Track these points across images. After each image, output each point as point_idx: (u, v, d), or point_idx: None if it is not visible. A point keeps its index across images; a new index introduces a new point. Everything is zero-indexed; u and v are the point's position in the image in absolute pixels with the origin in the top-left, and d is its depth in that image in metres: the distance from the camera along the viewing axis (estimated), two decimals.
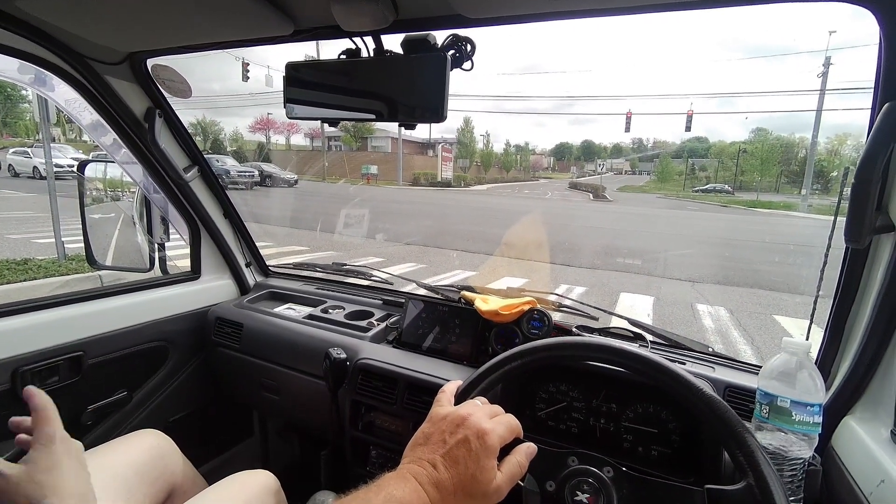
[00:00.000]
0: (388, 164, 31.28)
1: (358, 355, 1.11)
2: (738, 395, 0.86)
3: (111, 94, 1.13)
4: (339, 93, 0.80)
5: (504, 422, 0.57)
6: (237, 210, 1.49)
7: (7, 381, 0.98)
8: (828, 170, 27.63)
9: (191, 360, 1.40)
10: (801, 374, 0.65)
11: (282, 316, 1.34)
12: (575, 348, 0.70)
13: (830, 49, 32.28)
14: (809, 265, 7.02)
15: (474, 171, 41.09)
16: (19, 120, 32.06)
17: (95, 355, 1.14)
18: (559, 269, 6.61)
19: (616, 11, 0.74)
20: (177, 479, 0.97)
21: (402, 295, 1.38)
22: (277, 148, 41.08)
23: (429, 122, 0.74)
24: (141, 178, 1.34)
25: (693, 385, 0.61)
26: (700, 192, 33.90)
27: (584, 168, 71.83)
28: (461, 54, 0.72)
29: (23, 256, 5.20)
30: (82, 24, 0.91)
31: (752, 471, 0.54)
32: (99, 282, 4.56)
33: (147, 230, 1.41)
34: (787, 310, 4.89)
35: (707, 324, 4.37)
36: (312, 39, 0.91)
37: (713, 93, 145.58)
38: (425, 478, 0.50)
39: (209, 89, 65.31)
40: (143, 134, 1.20)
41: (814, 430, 0.63)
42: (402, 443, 1.02)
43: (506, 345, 1.06)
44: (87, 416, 1.13)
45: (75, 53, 1.03)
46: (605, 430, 0.88)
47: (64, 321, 1.09)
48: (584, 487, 0.62)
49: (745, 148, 41.02)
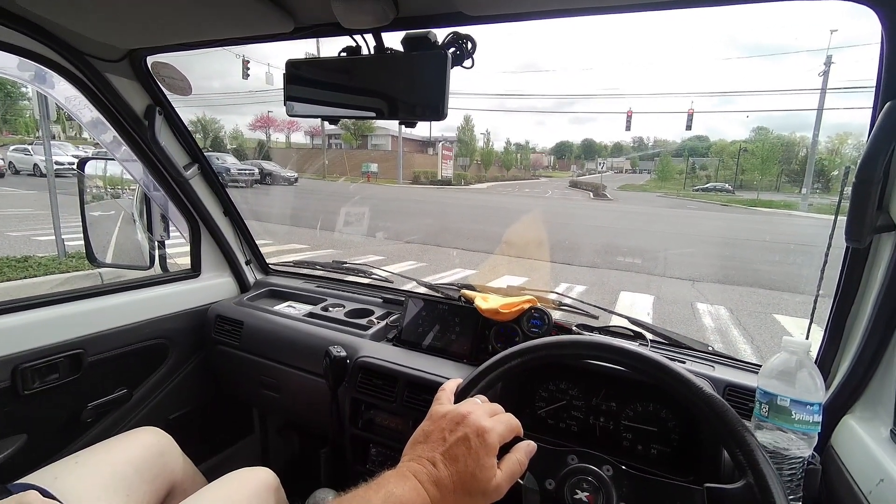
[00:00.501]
0: (389, 162, 31.26)
1: (358, 353, 1.11)
2: (737, 394, 0.86)
3: (111, 92, 1.13)
4: (340, 90, 0.80)
5: (504, 420, 0.57)
6: (237, 208, 1.49)
7: (7, 379, 0.98)
8: (828, 169, 27.63)
9: (191, 358, 1.40)
10: (801, 373, 0.65)
11: (282, 314, 1.34)
12: (575, 347, 0.70)
13: (832, 48, 32.22)
14: (810, 264, 7.03)
15: (474, 170, 41.06)
16: (19, 117, 32.04)
17: (95, 353, 1.14)
18: (559, 268, 6.62)
19: (617, 9, 0.74)
20: (177, 476, 0.97)
21: (402, 293, 1.38)
22: (277, 146, 41.08)
23: (429, 120, 0.74)
24: (141, 175, 1.33)
25: (693, 384, 0.61)
26: (700, 191, 33.89)
27: (585, 167, 71.78)
28: (462, 52, 0.72)
29: (23, 254, 5.21)
30: (82, 21, 0.91)
31: (751, 469, 0.54)
32: (99, 279, 4.57)
33: (147, 228, 1.41)
34: (787, 309, 4.90)
35: (707, 322, 4.38)
36: (313, 37, 0.90)
37: (714, 91, 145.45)
38: (425, 476, 0.50)
39: (209, 87, 65.24)
40: (144, 131, 1.20)
41: (813, 429, 0.63)
42: (401, 441, 1.02)
43: (506, 343, 1.06)
44: (88, 413, 1.13)
45: (75, 51, 1.03)
46: (605, 428, 0.88)
47: (64, 318, 1.09)
48: (583, 486, 0.62)
49: (745, 147, 41.00)
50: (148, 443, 0.96)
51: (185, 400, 1.39)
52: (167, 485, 0.95)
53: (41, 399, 1.04)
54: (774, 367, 0.67)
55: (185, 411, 1.39)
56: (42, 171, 12.11)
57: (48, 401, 1.06)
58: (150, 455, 0.93)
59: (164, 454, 0.96)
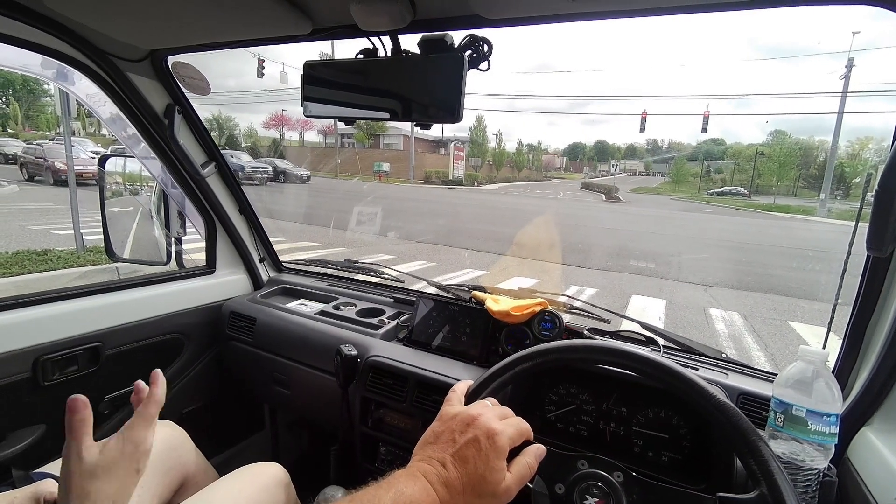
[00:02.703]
0: (401, 161, 31.34)
1: (368, 352, 1.11)
2: (751, 403, 0.84)
3: (132, 91, 1.15)
4: (357, 92, 0.81)
5: (514, 424, 0.57)
6: (252, 206, 1.51)
7: (28, 370, 1.01)
8: (849, 174, 27.02)
9: (205, 353, 1.43)
10: (818, 382, 0.64)
11: (294, 311, 1.36)
12: (586, 351, 0.70)
13: (853, 50, 31.51)
14: (828, 271, 6.88)
15: (486, 170, 40.98)
16: (41, 114, 32.83)
17: (113, 346, 1.16)
18: (570, 270, 6.57)
19: (634, 13, 0.73)
20: (189, 469, 0.99)
21: (412, 293, 1.38)
22: (291, 144, 41.45)
23: (445, 122, 0.74)
24: (159, 172, 1.36)
25: (705, 391, 0.60)
26: (715, 195, 33.38)
27: (598, 168, 71.23)
28: (478, 55, 0.72)
29: (43, 247, 5.32)
30: (107, 22, 0.93)
31: (765, 480, 0.53)
32: (116, 273, 4.61)
33: (164, 224, 1.44)
34: (803, 316, 4.79)
35: (720, 328, 4.31)
36: (331, 39, 0.91)
37: (730, 94, 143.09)
38: (435, 476, 0.50)
39: (225, 85, 66.06)
40: (163, 130, 1.22)
41: (830, 440, 0.62)
42: (410, 440, 1.03)
43: (516, 346, 1.06)
44: (105, 405, 1.15)
45: (99, 51, 1.05)
46: (615, 433, 0.88)
47: (84, 312, 1.12)
48: (593, 491, 0.61)
49: (762, 150, 40.32)
50: (162, 436, 0.97)
51: (198, 394, 1.41)
52: (180, 477, 0.96)
53: (60, 390, 1.07)
54: (790, 376, 0.66)
55: (198, 406, 1.41)
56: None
57: (67, 392, 1.08)
58: (164, 448, 0.95)
59: (177, 448, 0.98)
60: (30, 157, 13.24)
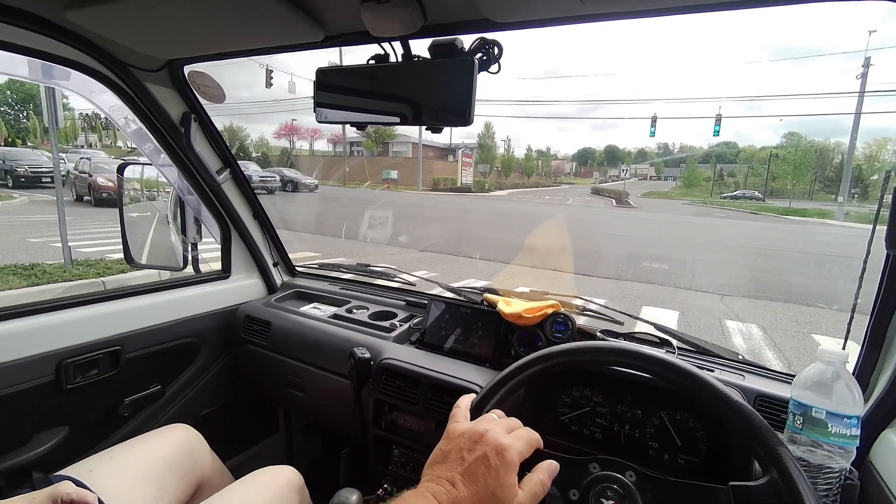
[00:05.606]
0: (409, 168, 31.53)
1: (381, 355, 1.12)
2: (769, 405, 0.83)
3: (150, 100, 1.18)
4: (368, 97, 0.82)
5: (523, 436, 0.56)
6: (265, 211, 1.54)
7: (52, 373, 1.03)
8: (866, 175, 26.47)
9: (220, 357, 1.44)
10: (838, 384, 0.62)
11: (308, 315, 1.37)
12: (598, 353, 0.69)
13: (870, 49, 30.99)
14: (849, 277, 6.69)
15: (494, 177, 41.02)
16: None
17: (132, 350, 1.18)
18: (578, 279, 6.44)
19: (644, 13, 0.73)
20: (205, 472, 1.00)
21: (424, 296, 1.39)
22: (301, 153, 41.97)
23: (456, 126, 0.75)
24: (175, 179, 1.39)
25: (722, 393, 0.59)
26: (729, 199, 32.95)
27: (608, 173, 70.80)
28: (489, 57, 0.73)
29: (38, 260, 5.20)
30: (126, 34, 0.96)
31: (775, 465, 0.53)
32: (102, 287, 4.49)
33: (181, 230, 1.47)
34: (827, 328, 4.57)
35: (738, 342, 4.15)
36: (342, 45, 0.93)
37: (743, 96, 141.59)
38: (444, 496, 0.49)
39: (236, 97, 67.21)
40: (179, 138, 1.25)
41: (851, 442, 0.61)
42: (424, 442, 1.03)
43: (528, 348, 1.06)
44: (125, 407, 1.17)
45: (118, 61, 1.08)
46: (630, 436, 0.87)
47: (104, 317, 1.14)
48: (608, 494, 0.61)
49: (776, 153, 39.74)
50: (179, 439, 0.99)
51: (214, 397, 1.43)
52: (196, 480, 0.98)
53: (82, 393, 1.09)
54: (809, 377, 0.65)
55: (213, 409, 1.43)
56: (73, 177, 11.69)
57: (88, 395, 1.11)
58: (181, 451, 0.96)
59: (194, 451, 0.99)
60: (76, 172, 11.74)
